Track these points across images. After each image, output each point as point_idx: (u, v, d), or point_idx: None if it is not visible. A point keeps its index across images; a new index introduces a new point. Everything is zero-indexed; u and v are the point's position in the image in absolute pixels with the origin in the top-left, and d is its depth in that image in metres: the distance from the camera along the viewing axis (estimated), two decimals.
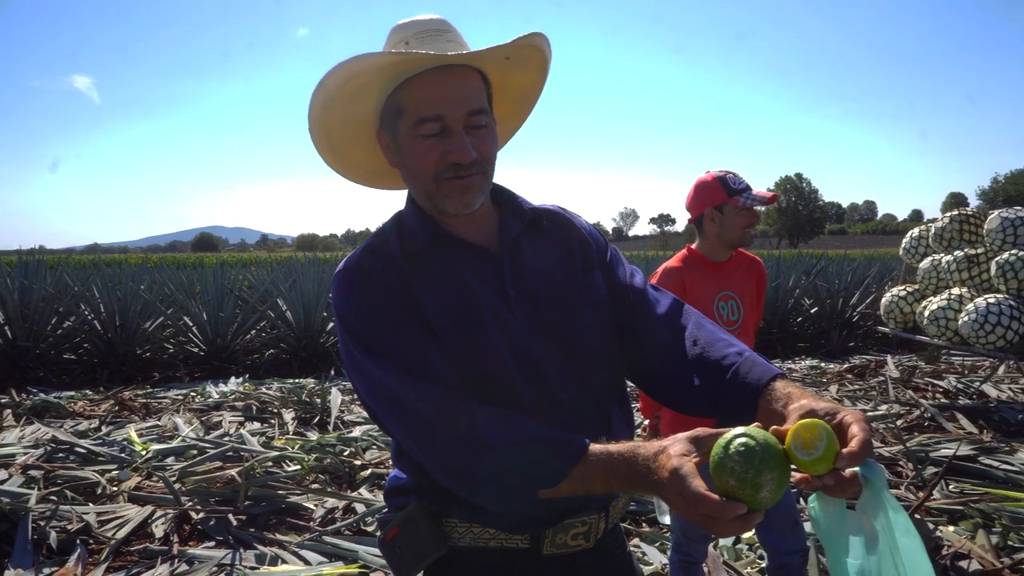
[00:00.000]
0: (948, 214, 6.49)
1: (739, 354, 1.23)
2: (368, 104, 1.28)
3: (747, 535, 3.45)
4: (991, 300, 5.55)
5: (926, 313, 6.13)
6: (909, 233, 7.07)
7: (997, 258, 5.74)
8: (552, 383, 1.25)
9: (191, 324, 9.26)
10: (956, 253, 6.20)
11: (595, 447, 1.09)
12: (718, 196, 2.73)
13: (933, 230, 6.55)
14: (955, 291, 6.07)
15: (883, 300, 6.98)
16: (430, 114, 1.20)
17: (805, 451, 0.96)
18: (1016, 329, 5.41)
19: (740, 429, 0.97)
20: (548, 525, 1.24)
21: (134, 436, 5.27)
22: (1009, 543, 3.37)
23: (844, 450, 0.95)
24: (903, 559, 0.96)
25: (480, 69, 1.26)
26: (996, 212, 5.94)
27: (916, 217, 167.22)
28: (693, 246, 2.85)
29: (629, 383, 1.44)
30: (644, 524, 3.81)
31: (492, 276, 1.28)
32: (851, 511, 1.03)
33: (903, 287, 6.86)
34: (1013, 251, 5.69)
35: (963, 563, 3.16)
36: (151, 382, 8.06)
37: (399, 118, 1.24)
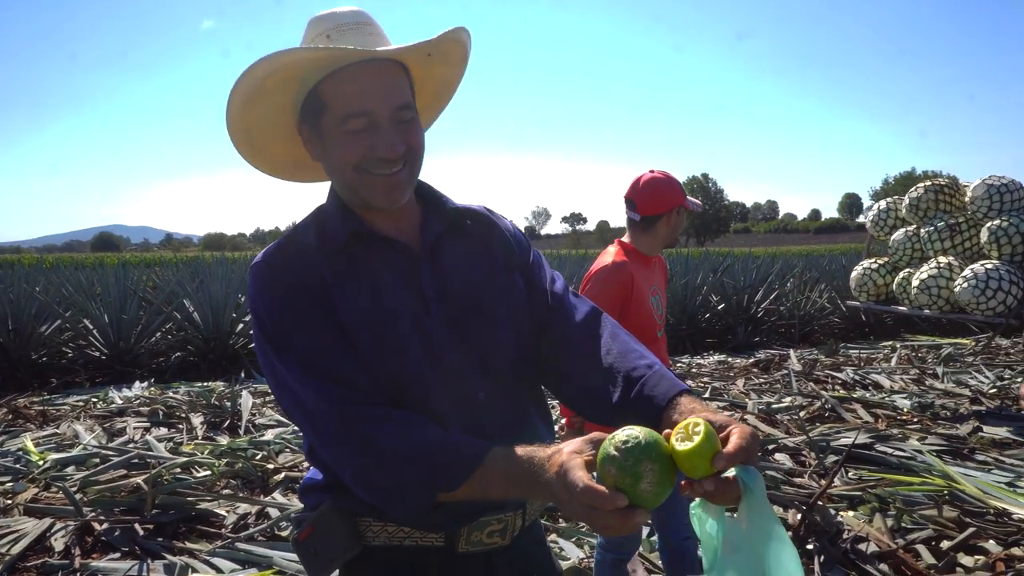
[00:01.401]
0: (922, 184, 6.41)
1: (649, 367, 1.25)
2: (287, 98, 1.26)
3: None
4: (989, 266, 5.55)
5: (914, 283, 6.02)
6: (876, 206, 6.99)
7: (989, 224, 5.75)
8: (468, 383, 1.26)
9: (91, 327, 8.86)
10: (937, 223, 6.16)
11: (496, 451, 1.11)
12: (680, 198, 2.84)
13: (907, 201, 6.45)
14: (942, 259, 6.00)
15: (853, 274, 6.87)
16: (357, 110, 1.19)
17: (684, 440, 1.00)
18: (1015, 294, 5.44)
19: (629, 427, 1.00)
20: (463, 523, 1.25)
21: (30, 445, 5.01)
22: (903, 525, 3.57)
23: (723, 450, 0.99)
24: (776, 566, 1.01)
25: (402, 62, 1.26)
26: (980, 180, 5.97)
27: (815, 216, 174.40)
28: (625, 240, 2.90)
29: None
30: (561, 520, 3.86)
31: (410, 275, 1.28)
32: (730, 518, 1.06)
33: (873, 260, 6.82)
34: (1004, 217, 5.71)
35: (862, 546, 3.33)
36: (48, 388, 7.66)
37: (322, 113, 1.22)
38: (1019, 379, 7.14)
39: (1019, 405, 6.07)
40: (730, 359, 9.18)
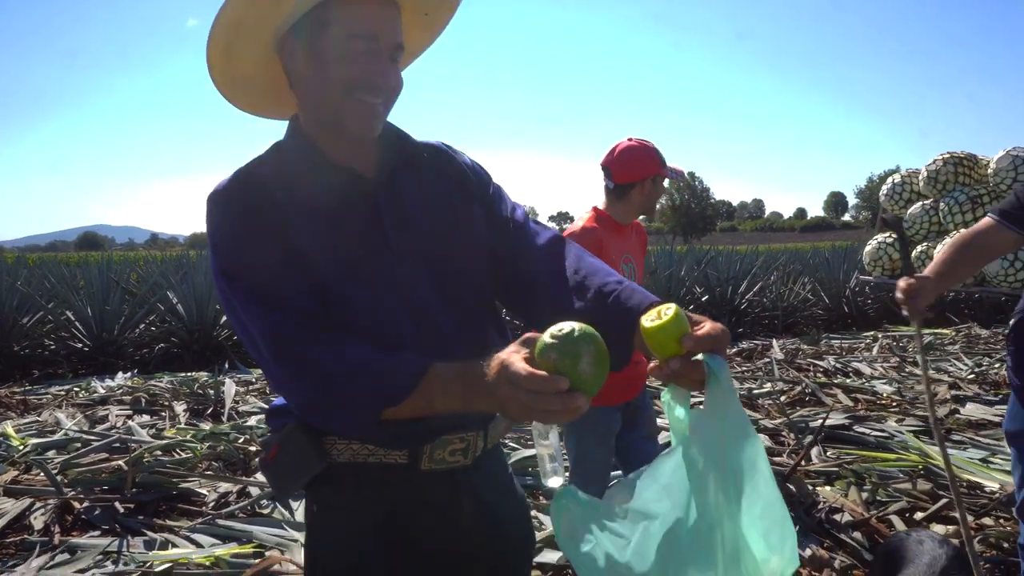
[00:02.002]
0: (940, 156, 6.13)
1: (619, 282, 1.28)
2: (283, 8, 1.23)
3: None
4: None
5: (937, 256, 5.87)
6: (891, 179, 6.70)
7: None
8: (430, 310, 1.29)
9: (74, 319, 8.83)
10: (958, 196, 5.91)
11: (437, 365, 1.14)
12: (656, 167, 2.86)
13: (925, 174, 6.18)
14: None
15: (867, 248, 6.65)
16: (366, 32, 1.22)
17: (654, 319, 1.06)
18: None
19: (561, 322, 1.04)
20: (425, 441, 1.28)
21: (11, 431, 4.99)
22: (878, 498, 3.63)
23: (691, 332, 1.05)
24: (736, 448, 1.05)
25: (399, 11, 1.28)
26: (1004, 151, 5.77)
27: (801, 215, 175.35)
28: (601, 207, 2.93)
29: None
30: (541, 498, 3.89)
31: (369, 205, 1.29)
32: (698, 407, 1.09)
33: (888, 234, 6.65)
34: None
35: (837, 516, 3.38)
36: (30, 379, 7.64)
37: (325, 29, 1.22)
38: (996, 365, 7.23)
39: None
40: None
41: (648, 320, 1.07)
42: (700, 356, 1.06)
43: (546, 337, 1.02)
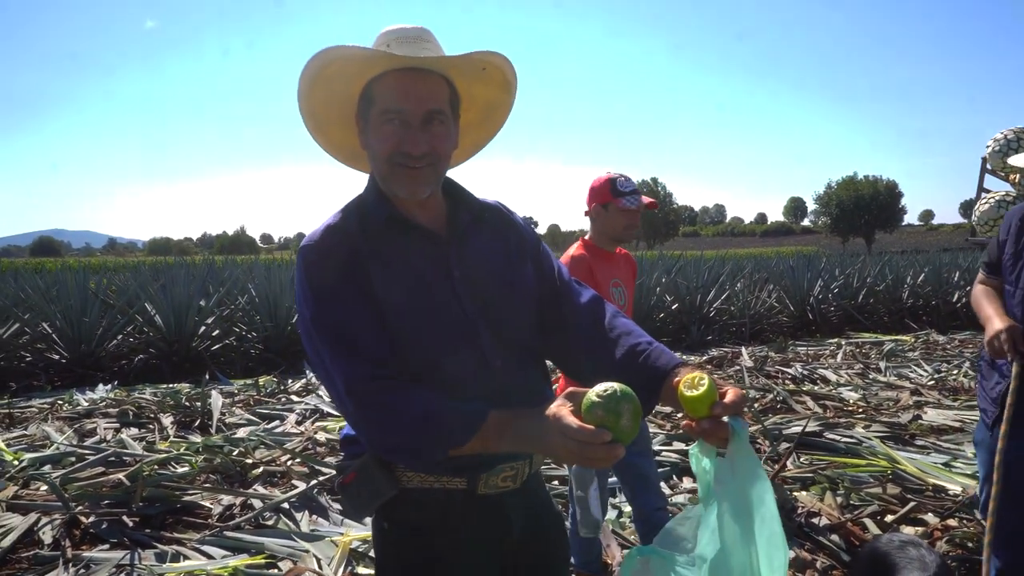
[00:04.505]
0: None
1: (649, 343, 1.50)
2: (351, 90, 1.46)
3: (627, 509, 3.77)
4: None
5: None
6: (1003, 135, 6.06)
7: None
8: (487, 352, 1.48)
9: (50, 331, 8.80)
10: None
11: (494, 413, 1.33)
12: (605, 196, 3.12)
13: None
14: None
15: (982, 209, 6.18)
16: (394, 107, 1.41)
17: (691, 389, 1.28)
18: None
19: (603, 383, 1.25)
20: (482, 471, 1.47)
21: (2, 446, 5.04)
22: (851, 502, 3.88)
23: (720, 400, 1.27)
24: (757, 498, 1.27)
25: (446, 77, 1.46)
26: None
27: (761, 220, 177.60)
28: (587, 237, 3.22)
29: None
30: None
31: (439, 258, 1.48)
32: (721, 459, 1.32)
33: (1005, 193, 6.08)
34: None
35: (815, 520, 3.62)
36: (8, 393, 7.61)
37: (370, 106, 1.44)
38: (954, 371, 7.58)
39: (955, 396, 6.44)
40: (685, 357, 9.49)
41: (687, 389, 1.29)
42: (725, 418, 1.29)
43: (592, 396, 1.22)
